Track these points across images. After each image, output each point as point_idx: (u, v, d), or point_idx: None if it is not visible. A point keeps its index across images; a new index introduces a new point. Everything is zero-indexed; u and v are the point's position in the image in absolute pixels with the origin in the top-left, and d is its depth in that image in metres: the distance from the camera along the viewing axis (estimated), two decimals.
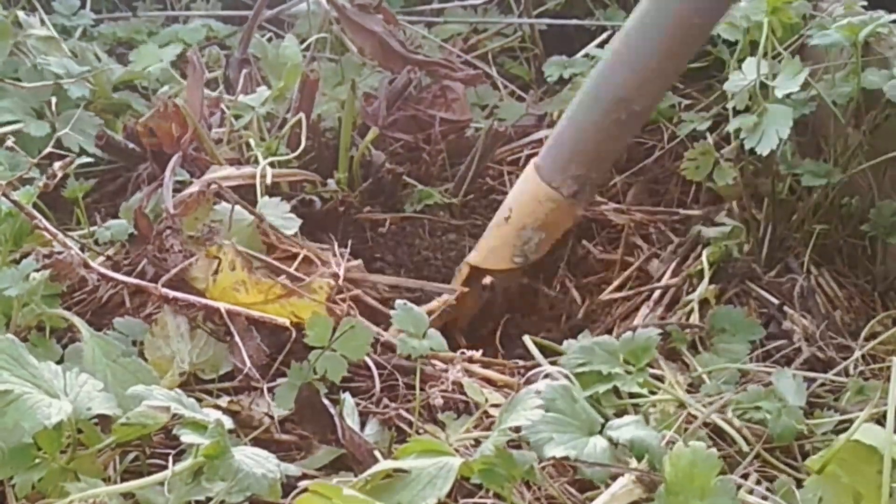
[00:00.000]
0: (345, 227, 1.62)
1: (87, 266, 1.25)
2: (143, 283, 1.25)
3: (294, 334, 1.19)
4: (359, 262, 1.43)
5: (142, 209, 1.38)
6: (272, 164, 1.49)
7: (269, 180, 1.44)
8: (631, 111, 1.35)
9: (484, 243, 1.48)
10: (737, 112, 1.43)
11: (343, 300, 1.27)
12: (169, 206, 1.34)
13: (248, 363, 1.16)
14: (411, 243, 1.65)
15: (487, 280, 1.47)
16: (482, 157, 1.67)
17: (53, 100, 1.66)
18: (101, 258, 1.37)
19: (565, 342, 1.22)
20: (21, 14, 1.88)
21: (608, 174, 1.45)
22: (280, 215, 1.39)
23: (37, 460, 0.97)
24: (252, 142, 1.56)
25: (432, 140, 1.72)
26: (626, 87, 1.35)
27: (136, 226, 1.39)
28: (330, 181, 1.62)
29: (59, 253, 1.25)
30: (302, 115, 1.58)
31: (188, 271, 1.24)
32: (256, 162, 1.49)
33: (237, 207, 1.36)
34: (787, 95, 1.37)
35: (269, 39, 1.89)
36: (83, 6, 2.12)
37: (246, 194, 1.42)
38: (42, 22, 1.93)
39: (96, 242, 1.43)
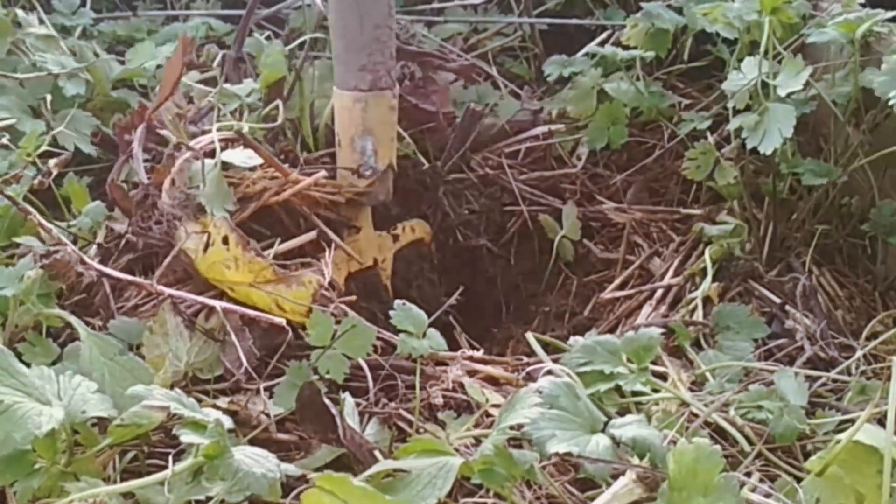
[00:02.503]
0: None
1: (83, 263, 1.24)
2: (140, 280, 1.25)
3: (288, 336, 1.18)
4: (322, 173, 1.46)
5: (114, 181, 1.37)
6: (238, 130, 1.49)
7: (244, 129, 1.45)
8: None
9: (338, 177, 1.52)
10: (736, 111, 1.42)
11: (332, 303, 1.26)
12: (142, 175, 1.33)
13: (242, 363, 1.15)
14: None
15: None
16: (463, 136, 1.67)
17: (49, 98, 1.65)
18: (94, 249, 1.37)
19: (571, 339, 1.21)
20: (20, 13, 1.87)
21: (392, 54, 1.47)
22: (242, 157, 1.40)
23: (36, 465, 0.96)
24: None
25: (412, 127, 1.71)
26: None
27: (111, 199, 1.39)
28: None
29: (56, 252, 1.24)
30: (279, 101, 1.62)
31: (181, 242, 1.24)
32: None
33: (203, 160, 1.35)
34: (789, 94, 1.36)
35: (268, 38, 1.88)
36: (83, 5, 2.12)
37: None
38: (41, 21, 1.93)
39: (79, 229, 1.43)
